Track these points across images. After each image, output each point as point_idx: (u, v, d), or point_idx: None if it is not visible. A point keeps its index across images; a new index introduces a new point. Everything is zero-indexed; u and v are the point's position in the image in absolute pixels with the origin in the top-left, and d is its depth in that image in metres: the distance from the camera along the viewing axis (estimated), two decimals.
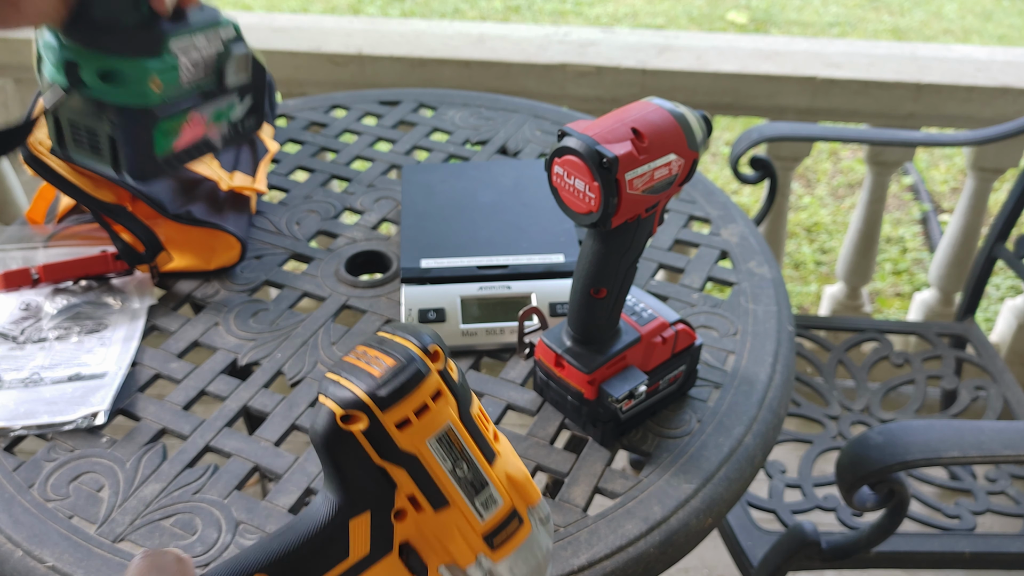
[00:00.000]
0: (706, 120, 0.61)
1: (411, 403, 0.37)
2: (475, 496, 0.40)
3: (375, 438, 0.37)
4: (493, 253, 0.82)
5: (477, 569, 0.41)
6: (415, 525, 0.40)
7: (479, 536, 0.40)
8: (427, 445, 0.38)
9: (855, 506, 0.85)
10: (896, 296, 2.36)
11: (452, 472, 0.39)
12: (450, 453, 0.39)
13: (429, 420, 0.38)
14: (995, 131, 1.23)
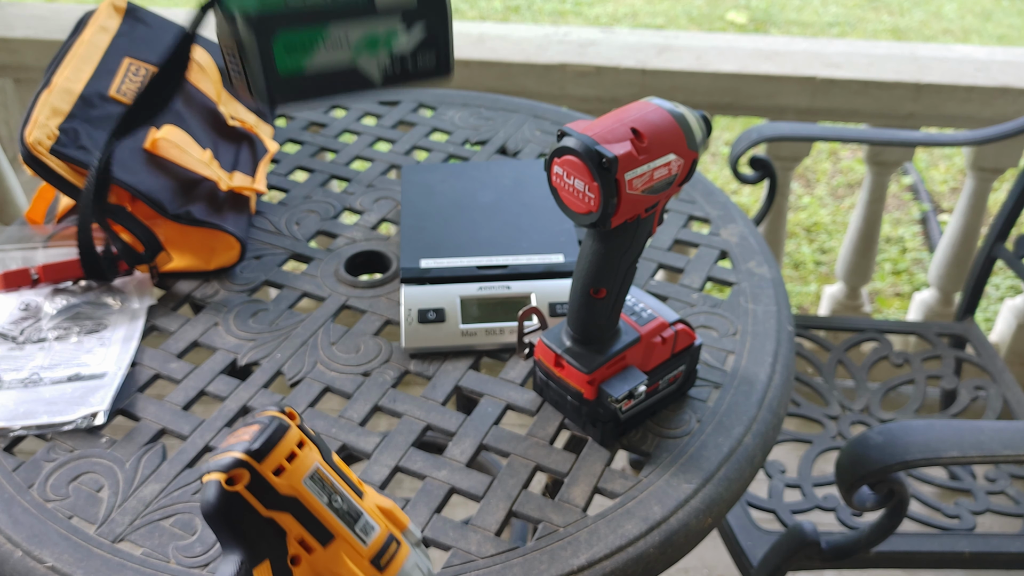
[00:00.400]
0: (706, 120, 0.61)
1: (281, 452, 0.43)
2: (354, 525, 0.45)
3: (258, 490, 0.42)
4: (493, 253, 0.82)
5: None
6: (310, 567, 0.44)
7: (367, 560, 0.46)
8: (303, 484, 0.44)
9: (855, 506, 0.85)
10: (896, 296, 2.36)
11: (329, 505, 0.45)
12: (323, 489, 0.45)
13: (299, 463, 0.44)
14: (995, 131, 1.23)
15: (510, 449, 0.68)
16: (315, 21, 0.47)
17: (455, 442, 0.68)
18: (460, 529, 0.62)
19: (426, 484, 0.65)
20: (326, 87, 0.50)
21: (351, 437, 0.69)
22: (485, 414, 0.71)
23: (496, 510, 0.63)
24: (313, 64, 0.49)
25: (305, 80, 0.50)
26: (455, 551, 0.60)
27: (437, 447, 0.71)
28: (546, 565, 0.59)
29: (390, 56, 0.51)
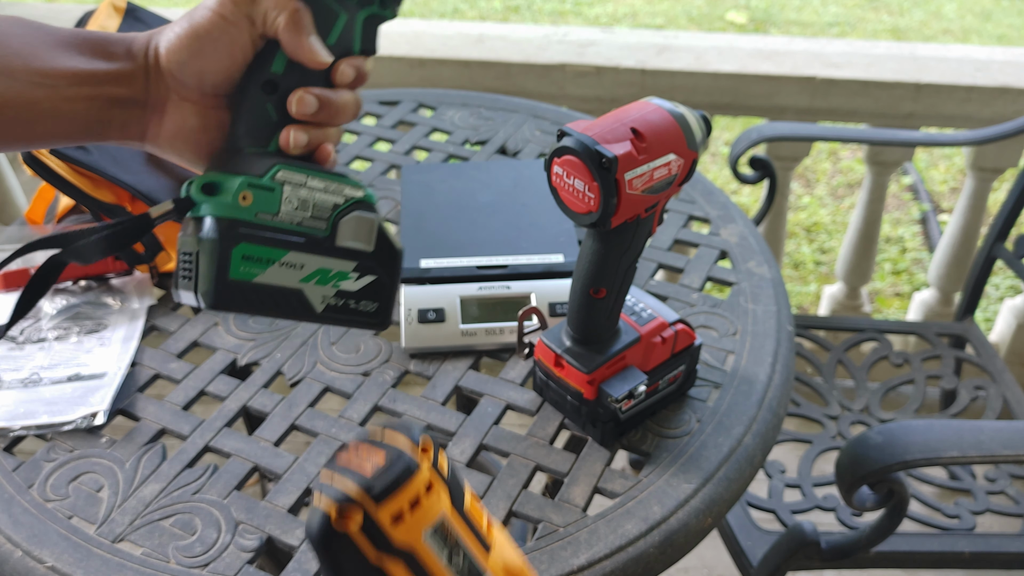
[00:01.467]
0: (705, 120, 0.61)
1: (404, 497, 0.37)
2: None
3: (371, 534, 0.37)
4: (493, 253, 0.82)
5: None
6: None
7: None
8: (422, 538, 0.38)
9: (855, 506, 0.85)
10: (895, 296, 2.36)
11: (448, 561, 0.39)
12: (445, 543, 0.39)
13: (423, 513, 0.38)
14: (994, 131, 1.23)
15: (510, 449, 0.68)
16: (277, 242, 0.50)
17: (455, 442, 0.68)
18: None
19: None
20: (268, 303, 0.51)
21: (351, 437, 0.69)
22: (485, 414, 0.71)
23: (496, 510, 0.63)
24: (263, 277, 0.50)
25: (251, 289, 0.50)
26: None
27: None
28: (546, 565, 0.59)
29: (336, 292, 0.53)
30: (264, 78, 0.49)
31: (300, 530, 0.62)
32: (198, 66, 0.48)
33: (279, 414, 0.71)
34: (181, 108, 0.49)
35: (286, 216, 0.50)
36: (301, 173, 0.50)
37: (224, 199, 0.49)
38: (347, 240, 0.52)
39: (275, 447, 0.68)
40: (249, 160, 0.50)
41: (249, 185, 0.49)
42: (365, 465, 0.38)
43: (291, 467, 0.66)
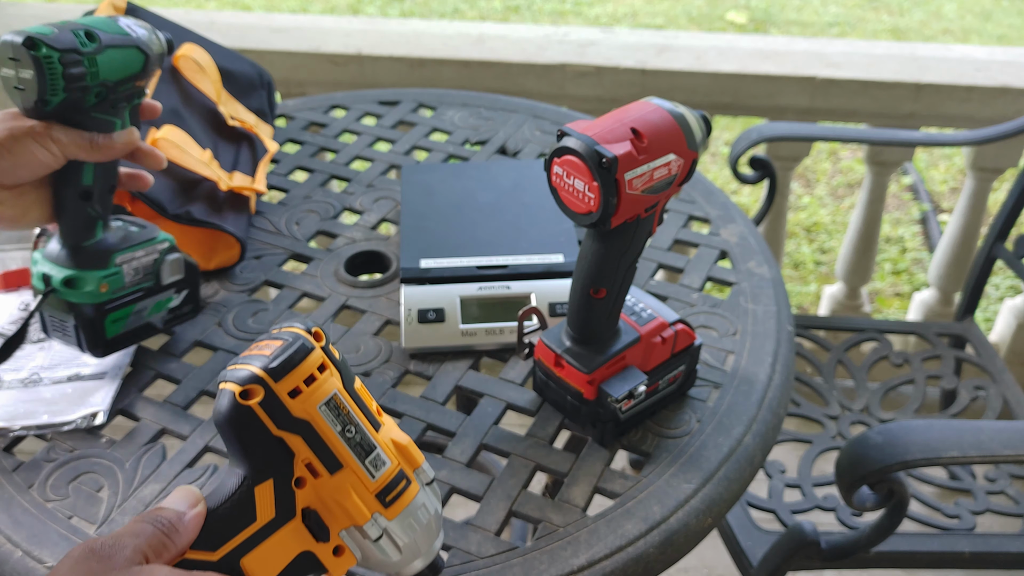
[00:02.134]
0: (705, 120, 0.61)
1: (300, 373, 0.43)
2: (365, 457, 0.45)
3: (271, 408, 0.42)
4: (493, 253, 0.82)
5: (374, 527, 0.45)
6: (314, 491, 0.44)
7: (372, 495, 0.45)
8: (317, 410, 0.43)
9: (855, 506, 0.85)
10: (895, 296, 2.36)
11: (342, 434, 0.44)
12: (338, 417, 0.44)
13: (317, 388, 0.43)
14: (994, 131, 1.23)
15: (510, 449, 0.68)
16: (128, 302, 0.71)
17: (455, 442, 0.68)
18: (460, 529, 0.62)
19: None
20: (131, 339, 0.73)
21: None
22: (485, 414, 0.71)
23: (496, 510, 0.63)
24: (126, 326, 0.72)
25: (120, 337, 0.72)
26: (455, 551, 0.60)
27: (437, 447, 0.70)
28: (546, 565, 0.59)
29: (168, 311, 0.76)
30: (78, 191, 0.66)
31: None
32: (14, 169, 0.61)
33: None
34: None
35: (129, 283, 0.71)
36: (129, 251, 0.70)
37: (88, 290, 0.68)
38: (167, 279, 0.74)
39: None
40: (90, 254, 0.68)
41: (103, 278, 0.68)
42: (265, 352, 0.43)
43: None
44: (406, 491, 0.46)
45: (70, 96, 0.61)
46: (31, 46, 0.58)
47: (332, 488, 0.44)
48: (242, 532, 0.42)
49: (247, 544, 0.42)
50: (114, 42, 0.62)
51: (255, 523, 0.42)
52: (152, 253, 0.73)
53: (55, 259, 0.69)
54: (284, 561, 0.43)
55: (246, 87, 1.04)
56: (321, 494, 0.44)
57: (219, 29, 1.52)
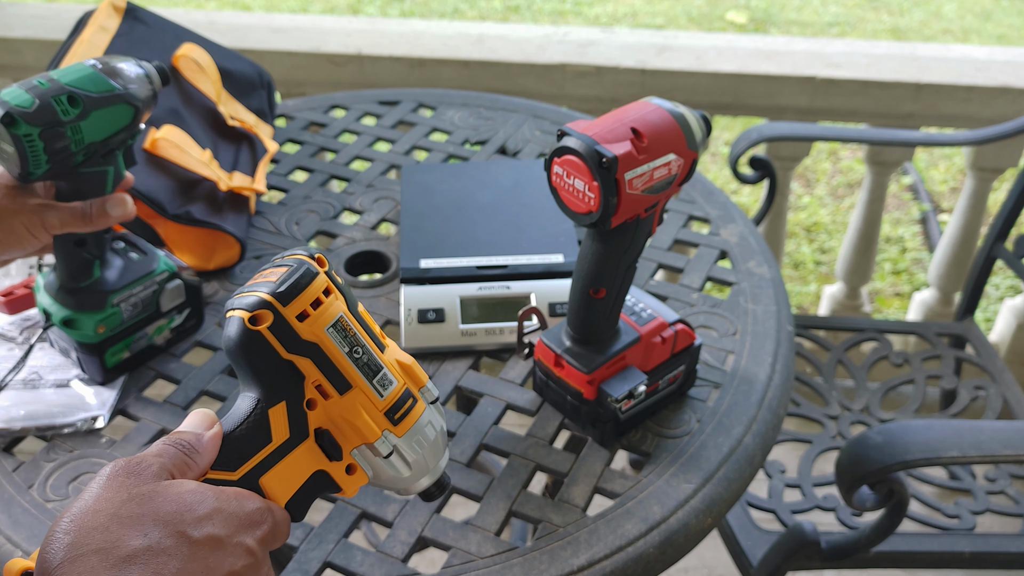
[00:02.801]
0: (705, 120, 0.61)
1: (306, 297, 0.44)
2: (372, 377, 0.46)
3: (280, 332, 0.43)
4: (492, 253, 0.82)
5: (384, 444, 0.46)
6: (325, 412, 0.45)
7: (381, 413, 0.46)
8: (325, 332, 0.44)
9: (855, 506, 0.85)
10: (895, 296, 2.36)
11: (349, 355, 0.45)
12: (345, 339, 0.45)
13: (324, 311, 0.44)
14: (994, 131, 1.23)
15: (510, 449, 0.68)
16: (128, 333, 0.73)
17: (455, 442, 0.68)
18: (460, 529, 0.62)
19: None
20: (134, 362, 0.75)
21: None
22: (485, 414, 0.71)
23: (496, 510, 0.63)
24: (129, 351, 0.74)
25: (122, 364, 0.73)
26: (455, 551, 0.60)
27: None
28: (546, 565, 0.59)
29: (170, 330, 0.77)
30: (72, 239, 0.67)
31: (300, 530, 0.62)
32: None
33: None
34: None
35: (128, 318, 0.72)
36: (126, 290, 0.71)
37: (86, 332, 0.70)
38: (168, 306, 0.75)
39: None
40: (87, 295, 0.69)
41: (100, 320, 0.70)
42: (271, 278, 0.44)
43: None
44: (413, 409, 0.47)
45: (55, 165, 0.61)
46: (9, 123, 0.58)
47: (343, 408, 0.45)
48: (259, 453, 0.44)
49: (265, 464, 0.44)
50: (100, 103, 0.61)
51: (271, 443, 0.44)
52: (151, 286, 0.73)
53: (54, 295, 0.70)
54: (300, 480, 0.45)
55: (246, 87, 1.04)
56: (332, 414, 0.45)
57: (219, 29, 1.52)
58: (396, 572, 0.59)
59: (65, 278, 0.69)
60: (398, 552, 0.60)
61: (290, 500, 0.45)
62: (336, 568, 0.60)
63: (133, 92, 0.64)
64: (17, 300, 0.77)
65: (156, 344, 0.76)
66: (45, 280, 0.72)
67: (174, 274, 0.75)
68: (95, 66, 0.63)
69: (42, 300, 0.71)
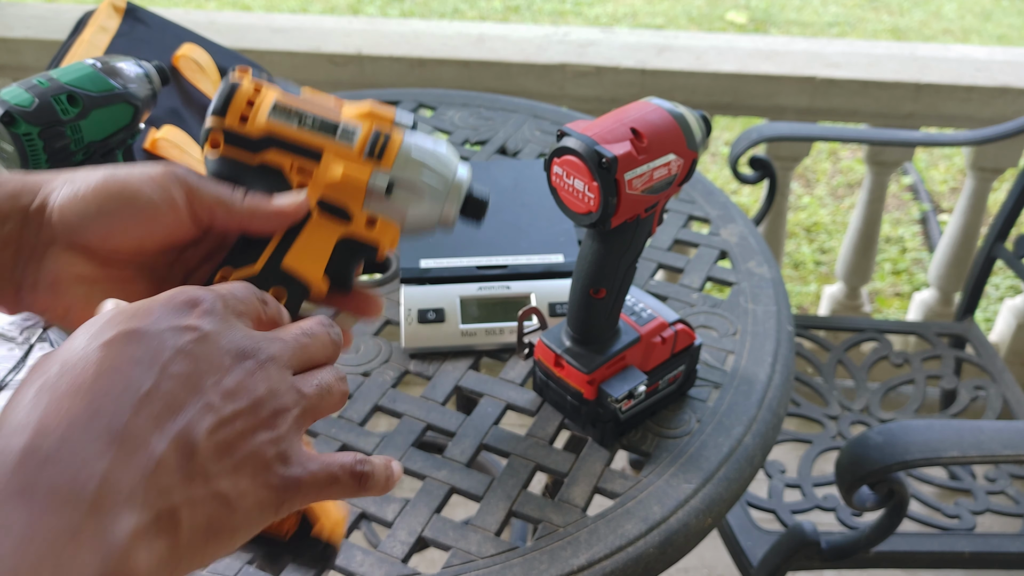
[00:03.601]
0: (705, 120, 0.61)
1: (239, 102, 0.46)
2: (334, 134, 0.47)
3: (235, 141, 0.46)
4: (492, 253, 0.82)
5: (377, 179, 0.47)
6: (315, 185, 0.47)
7: (359, 158, 0.47)
8: (269, 119, 0.46)
9: (855, 506, 0.85)
10: (895, 296, 2.36)
11: (300, 126, 0.46)
12: (290, 116, 0.46)
13: (258, 106, 0.46)
14: (994, 131, 1.23)
15: (510, 449, 0.68)
16: None
17: (455, 442, 0.68)
18: (460, 529, 0.62)
19: (426, 484, 0.65)
20: None
21: (351, 437, 0.69)
22: (485, 414, 0.71)
23: (496, 510, 0.63)
24: None
25: None
26: (455, 551, 0.60)
27: (437, 447, 0.70)
28: (546, 565, 0.59)
29: None
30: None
31: None
32: (105, 225, 0.41)
33: None
34: (68, 255, 0.41)
35: None
36: None
37: None
38: None
39: None
40: None
41: None
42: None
43: None
44: (389, 140, 0.47)
45: (54, 164, 0.61)
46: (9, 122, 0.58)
47: (326, 174, 0.47)
48: (271, 241, 0.46)
49: (281, 247, 0.46)
50: (100, 102, 0.61)
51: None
52: None
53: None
54: (326, 251, 0.47)
55: None
56: (321, 185, 0.47)
57: (219, 29, 1.52)
58: (396, 572, 0.59)
59: None
60: (398, 552, 0.60)
61: (326, 271, 0.47)
62: (336, 568, 0.60)
63: (133, 92, 0.64)
64: None
65: None
66: None
67: None
68: (95, 65, 0.63)
69: None
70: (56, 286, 0.41)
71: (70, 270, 0.41)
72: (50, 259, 0.41)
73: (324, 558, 0.46)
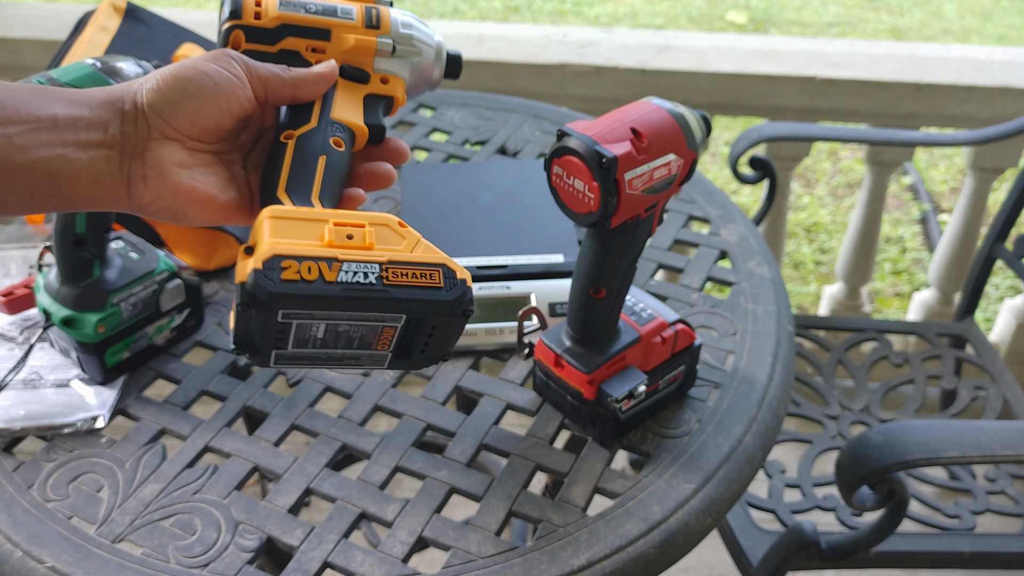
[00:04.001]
0: (705, 120, 0.61)
1: (249, 3, 0.52)
2: (336, 15, 0.54)
3: (255, 36, 0.52)
4: (492, 253, 0.82)
5: (384, 42, 0.55)
6: (334, 55, 0.54)
7: (363, 28, 0.54)
8: (279, 10, 0.52)
9: (855, 506, 0.85)
10: (895, 296, 2.36)
11: (307, 12, 0.53)
12: (295, 7, 0.53)
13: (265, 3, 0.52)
14: (994, 131, 1.23)
15: (510, 449, 0.68)
16: (127, 333, 0.73)
17: (455, 442, 0.68)
18: (460, 529, 0.62)
19: (426, 484, 0.65)
20: (135, 362, 0.75)
21: (351, 437, 0.69)
22: (485, 414, 0.71)
23: (496, 510, 0.63)
24: (129, 351, 0.74)
25: (122, 364, 0.74)
26: (455, 551, 0.60)
27: (437, 447, 0.70)
28: (546, 565, 0.59)
29: (171, 330, 0.77)
30: (72, 238, 0.67)
31: (300, 530, 0.62)
32: (192, 107, 0.46)
33: (279, 414, 0.71)
34: (167, 145, 0.46)
35: (128, 318, 0.72)
36: (126, 290, 0.72)
37: (86, 332, 0.70)
38: (168, 305, 0.75)
39: (275, 447, 0.68)
40: (88, 294, 0.70)
41: (100, 320, 0.70)
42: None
43: (291, 467, 0.66)
44: (380, 12, 0.55)
45: None
46: None
47: (340, 45, 0.54)
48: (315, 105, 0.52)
49: (325, 106, 0.52)
50: None
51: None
52: (151, 286, 0.74)
53: (55, 295, 0.71)
54: (359, 106, 0.53)
55: None
56: (339, 53, 0.54)
57: None
58: (396, 572, 0.59)
59: (65, 278, 0.70)
60: (398, 552, 0.60)
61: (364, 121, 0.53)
62: (336, 568, 0.60)
63: None
64: (17, 300, 0.77)
65: (156, 344, 0.76)
66: (45, 280, 0.72)
67: (174, 274, 0.75)
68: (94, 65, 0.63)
69: (42, 300, 0.71)
70: (162, 175, 0.46)
71: (170, 158, 0.46)
72: (151, 152, 0.45)
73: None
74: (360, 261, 0.43)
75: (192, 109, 0.46)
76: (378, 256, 0.44)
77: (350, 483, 0.65)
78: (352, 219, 0.45)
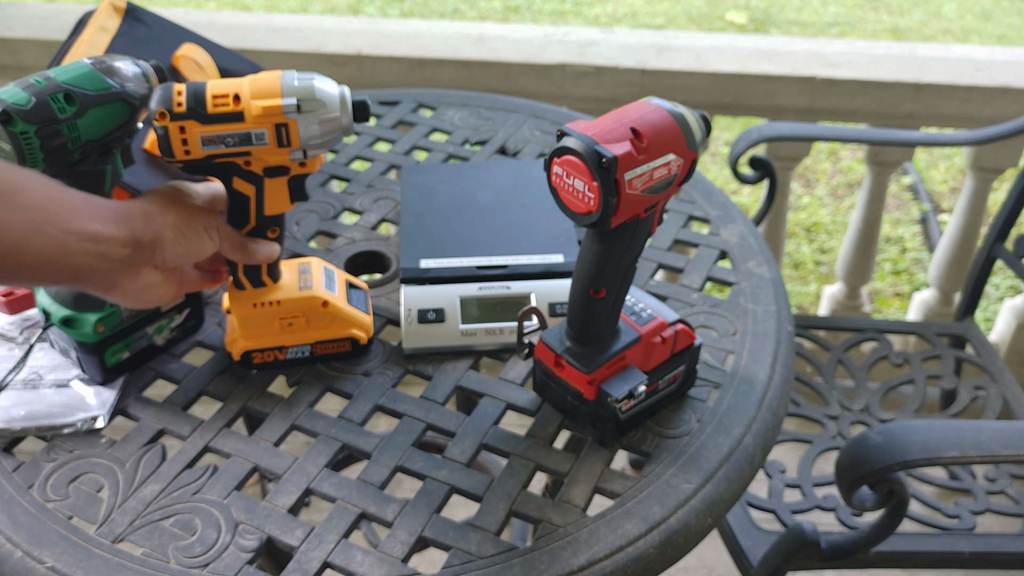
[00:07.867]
0: (705, 120, 0.61)
1: (176, 145, 0.61)
2: (251, 142, 0.62)
3: (189, 167, 0.63)
4: (492, 253, 0.82)
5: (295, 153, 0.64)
6: (257, 164, 0.64)
7: (276, 148, 0.63)
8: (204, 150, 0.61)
9: (855, 506, 0.85)
10: (895, 296, 2.36)
11: (228, 146, 0.62)
12: (216, 143, 0.61)
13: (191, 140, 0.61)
14: (994, 131, 1.23)
15: (510, 449, 0.68)
16: (127, 333, 0.73)
17: (455, 442, 0.68)
18: (460, 529, 0.62)
19: (426, 484, 0.65)
20: (134, 362, 0.75)
21: (351, 437, 0.69)
22: (485, 414, 0.71)
23: (496, 510, 0.63)
24: (129, 351, 0.74)
25: (121, 364, 0.74)
26: (455, 551, 0.60)
27: (437, 447, 0.70)
28: (546, 565, 0.59)
29: (170, 330, 0.77)
30: None
31: (300, 530, 0.62)
32: (183, 256, 0.64)
33: (279, 414, 0.71)
34: (151, 273, 0.63)
35: (128, 318, 0.72)
36: None
37: (86, 332, 0.70)
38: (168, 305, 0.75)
39: (275, 447, 0.68)
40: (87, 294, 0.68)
41: (99, 320, 0.70)
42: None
43: (291, 467, 0.66)
44: (289, 128, 0.63)
45: (51, 163, 0.61)
46: (6, 121, 0.58)
47: (262, 161, 0.64)
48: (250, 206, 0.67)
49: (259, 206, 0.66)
50: (96, 101, 0.62)
51: None
52: None
53: (54, 295, 0.71)
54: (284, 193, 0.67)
55: None
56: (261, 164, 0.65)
57: (219, 29, 1.52)
58: (396, 572, 0.59)
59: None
60: (398, 552, 0.60)
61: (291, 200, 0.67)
62: (336, 568, 0.60)
63: (130, 90, 0.64)
64: (17, 300, 0.77)
65: (156, 344, 0.76)
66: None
67: None
68: (92, 64, 0.63)
69: (42, 300, 0.71)
70: (144, 290, 0.63)
71: (153, 279, 0.63)
72: (144, 274, 0.62)
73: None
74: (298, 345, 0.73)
75: (189, 259, 0.65)
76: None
77: (350, 483, 0.65)
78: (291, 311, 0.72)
